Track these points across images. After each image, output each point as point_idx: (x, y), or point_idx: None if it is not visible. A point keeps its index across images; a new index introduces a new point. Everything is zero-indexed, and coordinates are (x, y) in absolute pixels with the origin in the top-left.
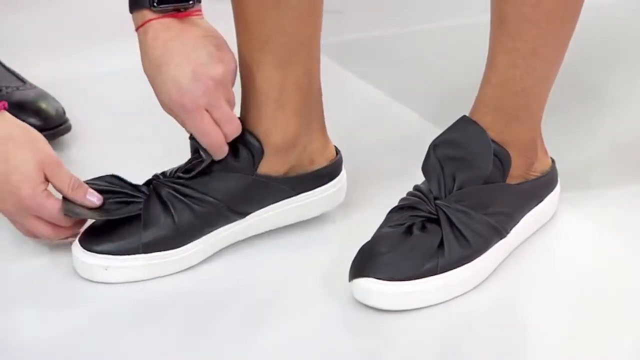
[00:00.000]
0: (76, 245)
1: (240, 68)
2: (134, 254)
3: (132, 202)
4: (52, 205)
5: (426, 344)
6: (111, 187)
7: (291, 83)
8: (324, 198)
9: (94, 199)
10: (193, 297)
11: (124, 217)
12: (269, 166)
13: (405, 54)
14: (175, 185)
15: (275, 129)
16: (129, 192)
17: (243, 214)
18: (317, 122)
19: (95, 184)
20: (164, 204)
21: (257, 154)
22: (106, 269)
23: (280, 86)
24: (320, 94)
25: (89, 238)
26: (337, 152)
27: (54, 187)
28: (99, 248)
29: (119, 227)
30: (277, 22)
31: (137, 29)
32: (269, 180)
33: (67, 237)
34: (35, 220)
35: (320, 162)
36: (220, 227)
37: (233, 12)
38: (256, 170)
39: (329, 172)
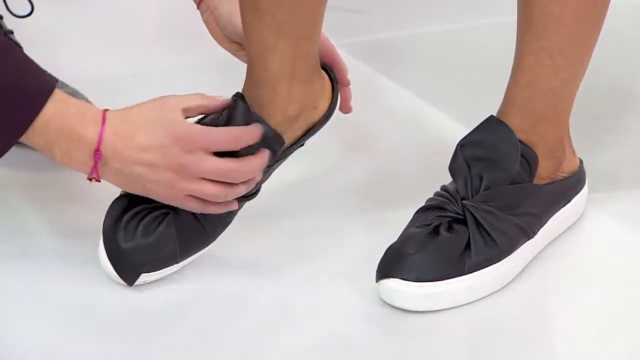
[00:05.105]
0: None
1: (251, 54)
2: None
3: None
4: (220, 134)
5: (453, 344)
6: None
7: (301, 57)
8: None
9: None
10: (215, 294)
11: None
12: (289, 136)
13: (433, 53)
14: None
15: (290, 103)
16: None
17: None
18: (317, 76)
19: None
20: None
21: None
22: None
23: (292, 62)
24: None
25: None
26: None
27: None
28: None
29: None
30: (294, 8)
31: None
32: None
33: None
34: (197, 180)
35: (322, 106)
36: None
37: (243, 3)
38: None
39: None
